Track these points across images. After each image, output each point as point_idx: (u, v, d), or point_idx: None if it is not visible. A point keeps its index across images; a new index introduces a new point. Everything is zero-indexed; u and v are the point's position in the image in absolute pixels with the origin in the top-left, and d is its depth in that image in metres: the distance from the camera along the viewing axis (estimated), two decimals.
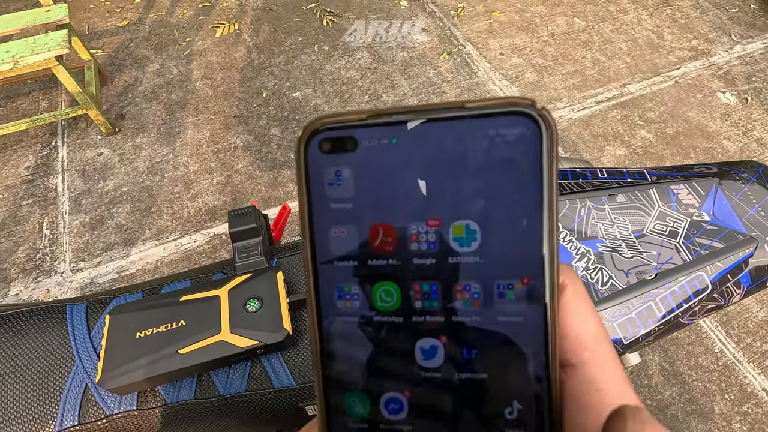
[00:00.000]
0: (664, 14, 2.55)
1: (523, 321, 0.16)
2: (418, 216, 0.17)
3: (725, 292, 0.48)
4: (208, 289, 0.44)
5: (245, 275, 0.45)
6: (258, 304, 0.42)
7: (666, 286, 0.44)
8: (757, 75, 2.23)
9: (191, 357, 0.39)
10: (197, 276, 0.49)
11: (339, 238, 0.17)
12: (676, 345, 1.43)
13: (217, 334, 0.40)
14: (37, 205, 1.70)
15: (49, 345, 0.44)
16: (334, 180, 0.17)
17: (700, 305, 0.47)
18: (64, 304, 0.47)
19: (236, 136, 1.92)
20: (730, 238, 0.46)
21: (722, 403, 1.34)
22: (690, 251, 0.46)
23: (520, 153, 0.16)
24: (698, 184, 0.50)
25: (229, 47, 2.27)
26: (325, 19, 2.42)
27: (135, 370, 0.39)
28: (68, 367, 0.43)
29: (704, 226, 0.47)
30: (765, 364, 1.40)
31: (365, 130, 0.17)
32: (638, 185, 0.50)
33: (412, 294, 0.17)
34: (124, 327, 0.41)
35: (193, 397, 0.43)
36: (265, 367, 0.43)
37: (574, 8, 2.57)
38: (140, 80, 2.11)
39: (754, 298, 1.53)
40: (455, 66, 2.23)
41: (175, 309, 0.42)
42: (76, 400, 0.42)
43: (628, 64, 2.28)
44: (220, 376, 0.43)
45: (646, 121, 2.04)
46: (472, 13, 2.51)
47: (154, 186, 1.76)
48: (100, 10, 2.43)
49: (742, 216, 0.48)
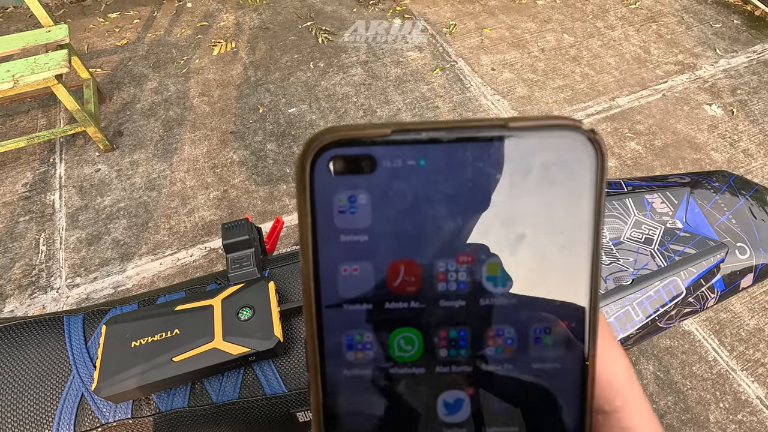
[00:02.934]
0: (650, 30, 2.62)
1: (560, 368, 0.15)
2: (447, 252, 0.14)
3: (700, 297, 0.49)
4: (202, 299, 0.45)
5: (238, 285, 0.47)
6: (250, 312, 0.43)
7: (642, 291, 0.46)
8: (742, 88, 2.29)
9: (185, 364, 0.40)
10: (191, 287, 0.51)
11: (350, 277, 0.14)
12: (670, 354, 1.44)
13: (211, 342, 0.41)
14: (34, 222, 1.71)
15: (47, 355, 0.45)
16: (346, 207, 0.14)
17: (676, 309, 0.48)
18: (61, 315, 0.48)
19: (233, 152, 1.95)
20: (702, 245, 0.48)
21: (717, 411, 1.34)
22: (664, 257, 0.48)
23: (566, 181, 0.14)
24: (671, 194, 0.52)
25: (226, 65, 2.32)
26: (320, 37, 2.47)
27: (130, 377, 0.40)
28: (65, 376, 0.44)
29: (677, 233, 0.49)
30: (758, 372, 1.41)
31: (387, 149, 0.14)
32: (615, 195, 0.52)
33: (436, 341, 0.15)
34: (120, 336, 0.43)
35: (186, 405, 0.44)
36: (257, 375, 0.45)
37: (563, 24, 2.64)
38: (138, 98, 2.15)
39: (745, 305, 1.54)
40: (448, 81, 2.28)
41: (169, 318, 0.44)
42: (72, 409, 0.43)
43: (616, 78, 2.33)
44: (213, 383, 0.44)
45: (636, 133, 2.08)
46: (463, 29, 2.58)
47: (151, 201, 1.78)
48: (99, 30, 2.48)
49: (714, 223, 0.51)
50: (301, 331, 0.47)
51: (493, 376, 0.15)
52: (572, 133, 0.14)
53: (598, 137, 0.14)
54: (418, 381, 0.15)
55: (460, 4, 2.77)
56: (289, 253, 0.53)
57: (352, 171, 0.14)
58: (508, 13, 2.71)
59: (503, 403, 0.15)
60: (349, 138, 0.14)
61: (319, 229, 0.14)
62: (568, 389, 0.15)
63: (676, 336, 1.47)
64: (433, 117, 2.10)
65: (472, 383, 0.15)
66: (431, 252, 0.14)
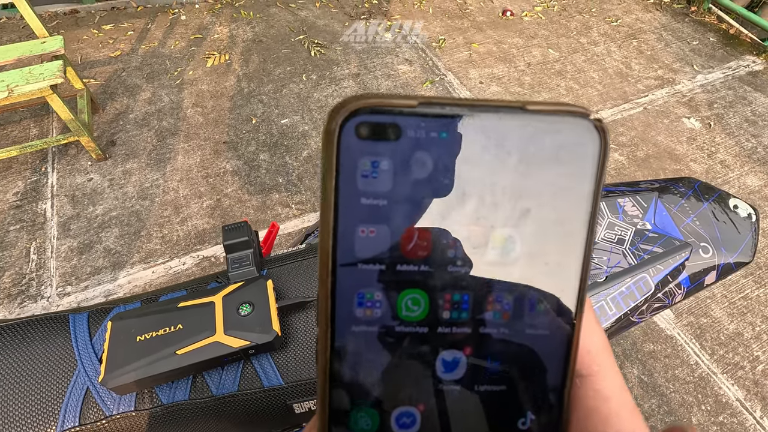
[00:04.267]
0: (631, 46, 2.73)
1: (549, 335, 0.16)
2: (458, 221, 0.15)
3: (668, 293, 0.53)
4: (204, 296, 0.48)
5: (238, 283, 0.49)
6: (249, 308, 0.46)
7: (615, 287, 0.50)
8: (719, 102, 2.39)
9: (188, 357, 0.43)
10: (193, 286, 0.53)
11: (367, 238, 0.15)
12: (653, 358, 1.48)
13: (212, 336, 0.44)
14: (25, 231, 1.71)
15: (53, 351, 0.47)
16: (369, 171, 0.15)
17: (646, 304, 0.52)
18: (66, 313, 0.50)
19: (226, 162, 1.97)
20: (669, 244, 0.52)
21: (699, 414, 1.38)
22: (635, 256, 0.51)
23: (571, 162, 0.15)
24: (641, 198, 0.56)
25: (219, 76, 2.35)
26: (312, 50, 2.52)
27: (136, 369, 0.42)
28: (70, 371, 0.46)
29: (647, 234, 0.53)
30: (738, 375, 1.45)
31: (413, 119, 0.15)
32: None
33: (441, 303, 0.16)
34: (125, 331, 0.45)
35: (187, 397, 0.46)
36: (255, 368, 0.47)
37: (548, 40, 2.74)
38: (132, 108, 2.17)
39: (725, 310, 1.60)
40: (437, 94, 2.34)
41: (172, 314, 0.46)
42: (78, 402, 0.45)
43: (599, 91, 2.42)
44: (213, 377, 0.47)
45: (619, 144, 2.16)
46: (452, 44, 2.65)
47: (143, 210, 1.79)
48: (93, 41, 2.50)
49: (680, 225, 0.55)
50: (298, 327, 0.50)
51: (489, 339, 0.16)
52: (581, 120, 0.15)
53: (604, 125, 0.16)
54: (422, 340, 0.16)
55: (449, 19, 2.85)
56: (286, 254, 0.56)
57: (377, 138, 0.15)
58: (496, 29, 2.80)
59: (495, 364, 0.16)
60: (379, 106, 0.15)
61: (341, 190, 0.15)
62: (554, 354, 0.16)
63: (659, 340, 1.52)
64: None
65: (469, 344, 0.16)
66: (444, 221, 0.15)
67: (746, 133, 2.25)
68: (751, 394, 1.42)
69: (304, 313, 0.50)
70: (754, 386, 1.43)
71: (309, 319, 0.50)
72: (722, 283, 1.66)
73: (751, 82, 2.52)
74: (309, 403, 0.48)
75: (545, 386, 0.17)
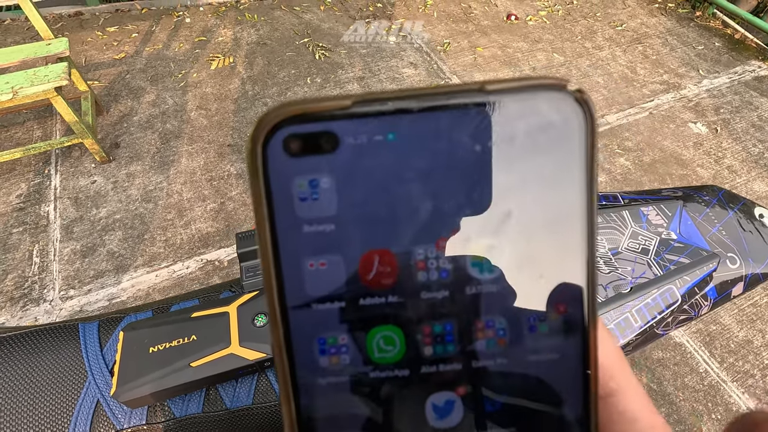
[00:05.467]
0: (637, 51, 2.72)
1: (559, 358, 0.13)
2: (425, 236, 0.13)
3: (694, 305, 0.52)
4: (218, 306, 0.46)
5: (253, 293, 0.48)
6: (265, 319, 0.45)
7: (640, 298, 0.49)
8: (725, 107, 2.38)
9: (203, 369, 0.41)
10: (205, 295, 0.52)
11: (317, 272, 0.13)
12: (662, 366, 1.47)
13: (227, 348, 0.42)
14: (28, 233, 1.69)
15: (63, 361, 0.45)
16: (307, 193, 0.12)
17: (672, 316, 0.51)
18: (76, 322, 0.49)
19: (230, 165, 1.96)
20: (696, 255, 0.51)
21: (710, 423, 1.36)
22: (660, 266, 0.50)
23: (554, 148, 0.13)
24: (665, 206, 0.55)
25: (223, 79, 2.35)
26: (317, 53, 2.52)
27: (149, 382, 0.41)
28: (81, 382, 0.44)
29: (672, 244, 0.52)
30: (748, 383, 1.44)
31: (349, 123, 0.12)
32: (612, 207, 0.55)
33: (420, 338, 0.13)
34: (138, 342, 0.43)
35: (201, 410, 0.44)
36: (270, 381, 0.46)
37: (553, 44, 2.73)
38: (136, 110, 2.16)
39: (734, 318, 1.58)
40: None
41: (186, 325, 0.45)
42: (88, 414, 0.43)
43: (605, 96, 2.41)
44: (227, 390, 0.45)
45: (625, 149, 2.14)
46: (457, 48, 2.65)
47: (147, 213, 1.78)
48: (97, 43, 2.50)
49: (705, 234, 0.53)
50: None
51: (485, 373, 0.13)
52: (557, 94, 0.12)
53: (586, 96, 0.13)
54: (403, 384, 0.13)
55: (454, 23, 2.85)
56: None
57: (311, 151, 0.12)
58: (500, 33, 2.79)
59: (498, 402, 0.13)
60: (305, 113, 0.12)
61: (278, 221, 0.12)
62: (569, 380, 0.13)
63: (668, 348, 1.50)
64: None
65: (462, 382, 0.13)
66: (407, 238, 0.13)
67: (753, 138, 2.24)
68: (762, 402, 1.40)
69: None
70: (764, 395, 1.41)
71: None
72: None
73: (757, 87, 2.51)
74: None
75: (563, 420, 0.14)
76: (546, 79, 0.12)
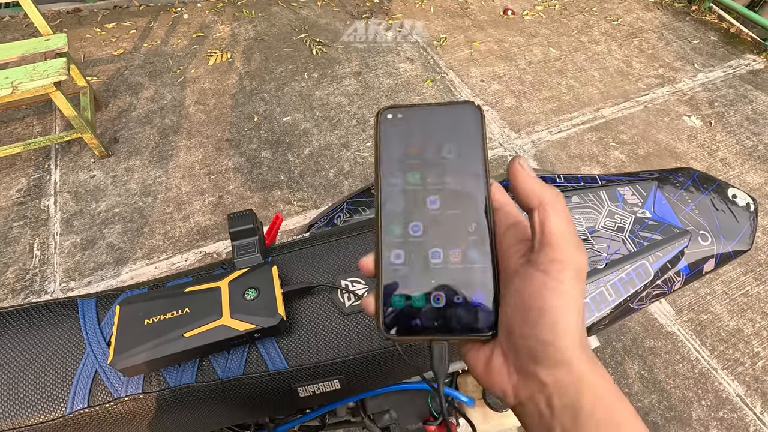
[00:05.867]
0: (632, 45, 2.73)
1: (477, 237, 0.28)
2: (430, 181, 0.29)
3: (668, 280, 0.54)
4: (210, 282, 0.48)
5: (244, 270, 0.50)
6: (255, 293, 0.47)
7: (615, 273, 0.51)
8: (719, 100, 2.40)
9: (195, 339, 0.43)
10: (199, 273, 0.54)
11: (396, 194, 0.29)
12: (653, 354, 1.49)
13: (219, 319, 0.45)
14: (28, 227, 1.72)
15: (62, 335, 0.48)
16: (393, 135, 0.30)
17: (646, 291, 0.53)
18: (75, 299, 0.51)
19: (228, 159, 1.98)
20: (668, 232, 0.53)
21: (699, 409, 1.39)
22: (634, 243, 0.52)
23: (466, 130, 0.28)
24: (641, 186, 0.57)
25: (221, 74, 2.36)
26: (314, 49, 2.53)
27: (144, 351, 0.43)
28: (79, 354, 0.47)
29: (646, 222, 0.53)
30: (738, 371, 1.46)
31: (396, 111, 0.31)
32: (590, 188, 0.57)
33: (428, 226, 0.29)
34: (134, 315, 0.46)
35: (194, 380, 0.47)
36: (260, 353, 0.48)
37: (549, 39, 2.74)
38: (134, 106, 2.18)
39: (725, 307, 1.60)
40: (439, 92, 2.35)
41: (180, 299, 0.47)
42: (87, 384, 0.45)
43: (600, 90, 2.42)
44: (219, 361, 0.47)
45: (619, 142, 2.16)
46: (453, 43, 2.66)
47: (146, 207, 1.80)
48: (95, 40, 2.51)
49: (679, 213, 0.55)
50: (303, 312, 0.50)
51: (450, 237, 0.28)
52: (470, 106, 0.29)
53: (480, 107, 0.29)
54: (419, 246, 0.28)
55: (450, 18, 2.86)
56: (290, 243, 0.57)
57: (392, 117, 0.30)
58: (497, 28, 2.81)
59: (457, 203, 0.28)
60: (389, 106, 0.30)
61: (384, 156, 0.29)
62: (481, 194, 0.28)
63: (659, 336, 1.52)
64: None
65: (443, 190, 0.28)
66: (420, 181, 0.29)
67: (747, 131, 2.25)
68: (751, 390, 1.42)
69: (308, 299, 0.51)
70: (754, 382, 1.44)
71: (314, 305, 0.51)
72: (722, 279, 1.67)
73: (752, 80, 2.53)
74: (313, 387, 0.49)
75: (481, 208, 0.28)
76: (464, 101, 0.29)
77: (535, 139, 2.16)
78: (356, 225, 0.58)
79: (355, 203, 0.67)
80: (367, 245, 0.54)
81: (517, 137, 2.16)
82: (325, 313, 0.50)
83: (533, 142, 2.14)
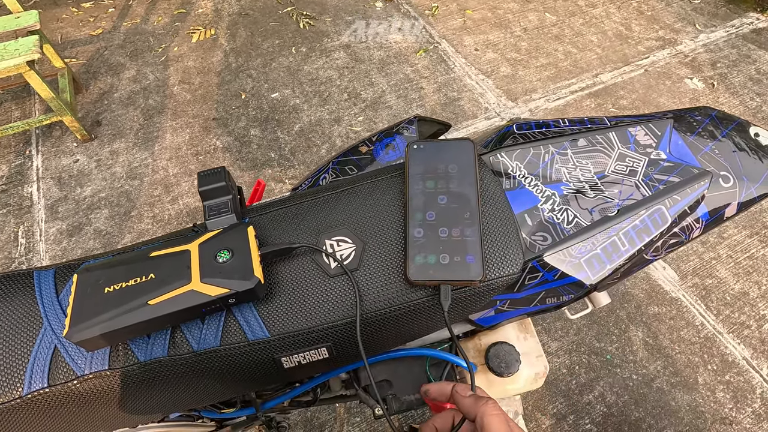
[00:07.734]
0: (631, 7, 2.63)
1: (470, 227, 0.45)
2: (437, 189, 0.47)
3: (686, 228, 0.49)
4: (178, 245, 0.43)
5: (216, 231, 0.45)
6: (228, 255, 0.42)
7: (628, 220, 0.46)
8: (722, 61, 2.32)
9: (161, 307, 0.39)
10: (168, 238, 0.49)
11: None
12: (658, 320, 1.46)
13: (188, 284, 0.40)
14: (12, 215, 1.66)
15: (16, 309, 0.43)
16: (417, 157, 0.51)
17: (662, 240, 0.48)
18: (30, 270, 0.46)
19: (216, 138, 1.91)
20: (686, 173, 0.48)
21: (705, 373, 1.36)
22: (649, 187, 0.47)
23: (464, 157, 0.48)
24: (654, 126, 0.52)
25: (206, 52, 2.27)
26: (301, 22, 2.43)
27: (103, 321, 0.38)
28: (36, 329, 0.42)
29: (661, 164, 0.48)
30: (744, 334, 1.43)
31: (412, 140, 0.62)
32: (598, 130, 0.51)
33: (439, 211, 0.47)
34: (92, 283, 0.41)
35: (166, 354, 0.42)
36: (238, 321, 0.43)
37: (545, 4, 2.64)
38: (116, 87, 2.10)
39: (730, 271, 1.57)
40: (432, 63, 2.26)
41: (144, 264, 0.42)
42: (45, 362, 0.41)
43: (599, 55, 2.34)
44: (193, 332, 0.43)
45: (620, 108, 2.09)
46: (446, 11, 2.56)
47: (133, 190, 1.74)
48: (72, 20, 2.41)
49: (697, 153, 0.50)
50: (284, 276, 0.46)
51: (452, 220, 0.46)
52: (467, 142, 0.50)
53: (473, 141, 0.50)
54: (433, 226, 0.45)
55: None
56: (269, 203, 0.51)
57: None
58: None
59: (458, 203, 0.46)
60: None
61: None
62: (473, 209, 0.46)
63: (663, 302, 1.49)
64: (418, 98, 2.09)
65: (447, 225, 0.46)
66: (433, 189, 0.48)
67: (750, 92, 2.18)
68: (757, 352, 1.40)
69: (290, 261, 0.46)
70: (760, 345, 1.41)
71: (296, 267, 0.46)
72: (727, 243, 1.63)
73: (755, 39, 2.44)
74: (298, 357, 0.44)
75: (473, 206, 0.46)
76: (461, 138, 0.51)
77: (532, 107, 2.09)
78: (343, 181, 0.52)
79: (342, 162, 0.61)
80: (355, 202, 0.49)
81: (513, 106, 2.09)
82: (308, 275, 0.45)
83: (530, 111, 2.07)
